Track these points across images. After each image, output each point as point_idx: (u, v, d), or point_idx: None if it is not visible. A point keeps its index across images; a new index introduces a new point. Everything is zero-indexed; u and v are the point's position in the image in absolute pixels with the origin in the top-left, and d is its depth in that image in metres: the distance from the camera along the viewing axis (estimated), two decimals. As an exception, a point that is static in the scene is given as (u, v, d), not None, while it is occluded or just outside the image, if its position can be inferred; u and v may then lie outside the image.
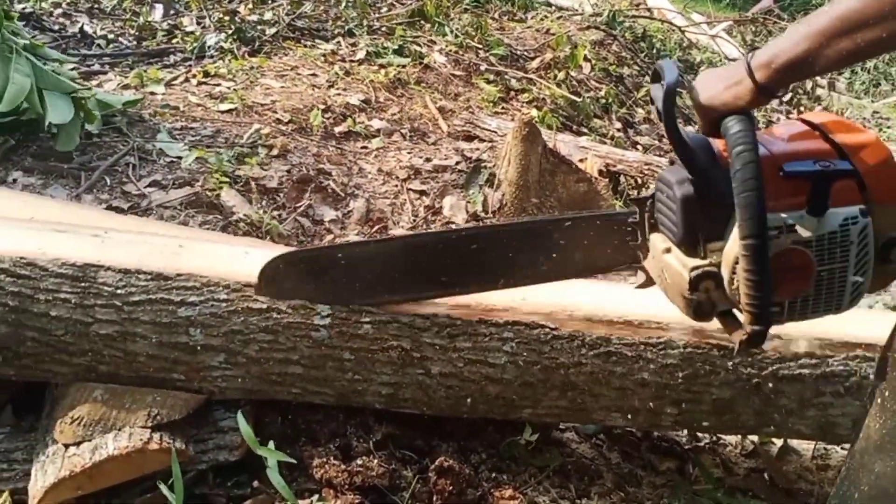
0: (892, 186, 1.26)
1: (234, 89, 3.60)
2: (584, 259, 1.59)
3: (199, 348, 1.62)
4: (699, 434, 2.10)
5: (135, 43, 4.55)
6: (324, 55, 4.31)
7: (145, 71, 3.75)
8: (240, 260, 1.70)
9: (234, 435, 1.67)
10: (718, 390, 1.72)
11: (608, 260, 1.57)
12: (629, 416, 1.78)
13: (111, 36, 4.57)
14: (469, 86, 4.45)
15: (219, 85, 3.67)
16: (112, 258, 1.63)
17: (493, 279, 1.63)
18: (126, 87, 3.61)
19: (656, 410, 1.76)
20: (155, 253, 1.68)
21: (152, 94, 3.48)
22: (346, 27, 4.82)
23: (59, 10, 4.96)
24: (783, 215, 1.23)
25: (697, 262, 1.29)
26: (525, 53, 5.21)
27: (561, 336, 1.70)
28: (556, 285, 1.64)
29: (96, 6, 5.09)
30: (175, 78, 3.76)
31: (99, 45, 4.42)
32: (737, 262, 1.21)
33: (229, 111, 3.36)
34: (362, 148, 3.34)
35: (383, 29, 4.94)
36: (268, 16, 4.68)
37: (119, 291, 1.59)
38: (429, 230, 2.20)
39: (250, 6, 4.91)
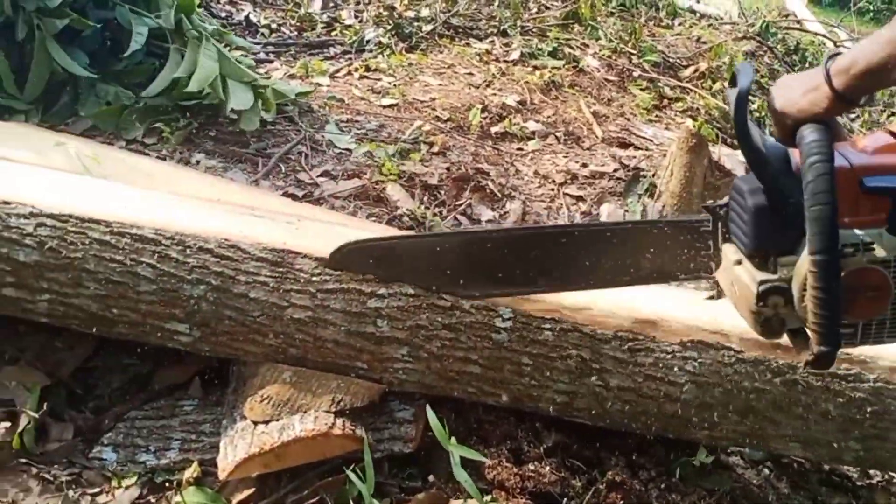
0: None
1: (395, 85, 3.68)
2: (654, 265, 1.53)
3: (384, 340, 1.66)
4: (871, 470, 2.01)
5: (296, 33, 4.70)
6: (478, 54, 4.34)
7: (310, 62, 3.87)
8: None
9: (408, 427, 1.71)
10: (909, 430, 1.64)
11: (680, 267, 1.51)
12: (808, 448, 1.72)
13: (273, 25, 4.74)
14: (622, 91, 4.39)
15: (380, 80, 3.75)
16: (307, 245, 1.69)
17: (563, 280, 1.59)
18: (292, 76, 3.74)
19: (838, 444, 1.70)
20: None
21: (318, 85, 3.59)
22: (500, 27, 4.85)
23: (226, -2, 5.19)
24: (860, 232, 1.17)
25: (767, 275, 1.24)
26: (678, 61, 5.09)
27: (745, 360, 1.65)
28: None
29: (260, -6, 5.30)
30: (338, 70, 3.87)
31: (263, 33, 4.59)
32: (807, 279, 1.15)
33: (391, 106, 3.43)
34: (518, 149, 3.35)
35: (535, 30, 4.94)
36: (424, 13, 4.75)
37: (314, 279, 1.65)
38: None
39: (406, 2, 5.00)
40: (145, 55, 2.92)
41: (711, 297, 1.48)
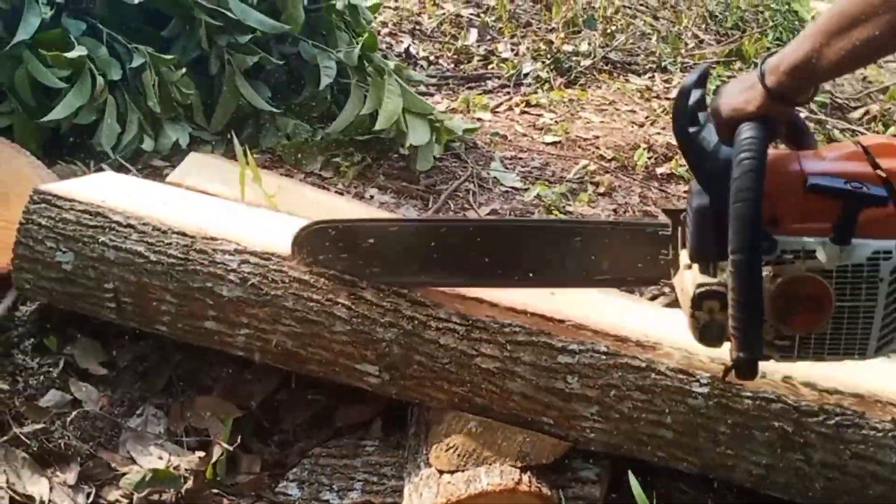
0: None
1: (556, 121, 3.65)
2: (613, 268, 1.54)
3: (573, 396, 1.62)
4: None
5: (453, 66, 4.76)
6: (639, 90, 4.27)
7: (470, 96, 3.90)
8: (619, 316, 1.69)
9: (592, 487, 1.66)
10: None
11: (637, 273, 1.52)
12: None
13: (431, 58, 4.82)
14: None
15: (541, 115, 3.74)
16: (497, 295, 1.68)
17: (515, 275, 1.60)
18: (453, 110, 3.77)
19: None
20: (535, 295, 1.71)
21: (479, 119, 3.61)
22: (659, 62, 4.75)
23: (386, 30, 5.32)
24: (804, 239, 1.14)
25: (705, 279, 1.22)
26: (846, 102, 4.85)
27: (970, 446, 1.52)
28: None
29: (418, 28, 5.40)
30: (498, 105, 3.88)
31: (421, 66, 4.66)
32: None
33: (553, 143, 3.41)
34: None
35: (696, 66, 4.81)
36: (583, 47, 4.72)
37: (505, 329, 1.64)
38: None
39: (562, 36, 4.98)
40: (320, 89, 3.01)
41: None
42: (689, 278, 1.28)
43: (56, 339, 1.87)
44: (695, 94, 1.25)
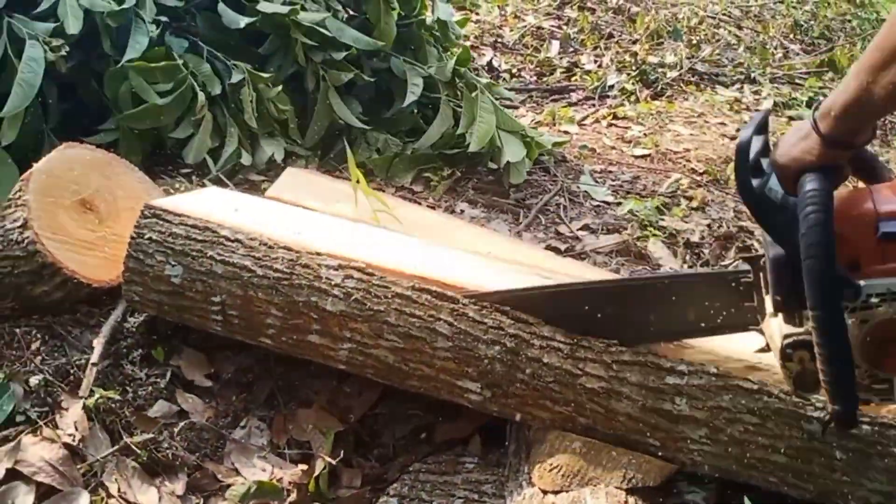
0: None
1: (645, 134, 3.60)
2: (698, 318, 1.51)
3: (681, 418, 1.58)
4: None
5: (535, 78, 4.74)
6: (727, 102, 4.18)
7: (556, 109, 3.88)
8: (728, 337, 1.65)
9: (699, 511, 1.62)
10: None
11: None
12: None
13: (514, 70, 4.81)
14: (885, 146, 4.06)
15: (629, 128, 3.69)
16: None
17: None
18: (539, 123, 3.76)
19: None
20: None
21: (566, 132, 3.58)
22: (747, 73, 4.65)
23: (468, 43, 5.33)
24: (889, 280, 1.10)
25: (792, 329, 1.21)
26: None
27: None
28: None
29: (499, 41, 5.40)
30: (585, 118, 3.85)
31: (504, 78, 4.66)
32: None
33: (643, 157, 3.36)
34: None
35: (784, 77, 4.69)
36: (668, 59, 4.65)
37: (611, 349, 1.61)
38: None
39: (647, 47, 4.92)
40: (404, 105, 3.03)
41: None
42: (775, 327, 1.27)
43: (163, 351, 1.91)
44: (757, 141, 1.24)
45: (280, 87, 2.71)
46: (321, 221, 2.00)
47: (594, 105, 4.11)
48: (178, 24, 2.75)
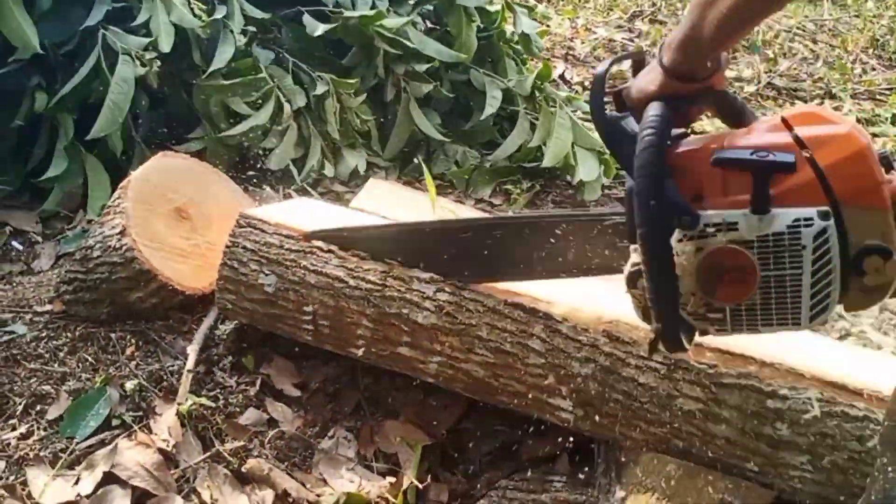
0: (863, 186, 1.11)
1: (724, 149, 3.53)
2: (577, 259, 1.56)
3: (781, 444, 1.54)
4: None
5: (607, 91, 4.69)
6: (807, 118, 4.08)
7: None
8: (831, 360, 1.61)
9: (799, 540, 1.57)
10: None
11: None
12: None
13: (586, 83, 4.77)
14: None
15: (706, 143, 3.63)
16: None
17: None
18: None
19: None
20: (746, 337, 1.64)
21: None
22: (826, 88, 4.54)
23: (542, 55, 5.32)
24: (725, 212, 1.14)
25: (636, 258, 1.24)
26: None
27: None
28: None
29: (570, 53, 5.37)
30: (661, 132, 3.80)
31: (577, 91, 4.63)
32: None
33: (723, 172, 3.30)
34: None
35: (865, 93, 4.57)
36: (746, 73, 4.57)
37: (710, 371, 1.58)
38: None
39: (723, 61, 4.83)
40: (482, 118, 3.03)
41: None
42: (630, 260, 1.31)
43: (252, 359, 1.93)
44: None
45: (363, 98, 2.73)
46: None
47: (670, 119, 4.05)
48: (265, 35, 2.79)
